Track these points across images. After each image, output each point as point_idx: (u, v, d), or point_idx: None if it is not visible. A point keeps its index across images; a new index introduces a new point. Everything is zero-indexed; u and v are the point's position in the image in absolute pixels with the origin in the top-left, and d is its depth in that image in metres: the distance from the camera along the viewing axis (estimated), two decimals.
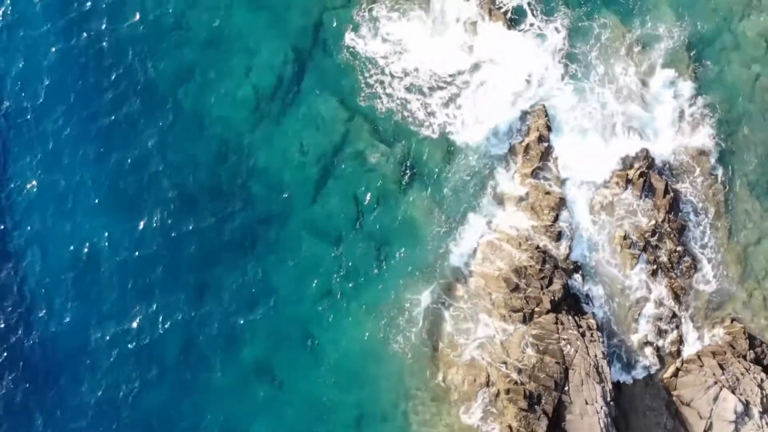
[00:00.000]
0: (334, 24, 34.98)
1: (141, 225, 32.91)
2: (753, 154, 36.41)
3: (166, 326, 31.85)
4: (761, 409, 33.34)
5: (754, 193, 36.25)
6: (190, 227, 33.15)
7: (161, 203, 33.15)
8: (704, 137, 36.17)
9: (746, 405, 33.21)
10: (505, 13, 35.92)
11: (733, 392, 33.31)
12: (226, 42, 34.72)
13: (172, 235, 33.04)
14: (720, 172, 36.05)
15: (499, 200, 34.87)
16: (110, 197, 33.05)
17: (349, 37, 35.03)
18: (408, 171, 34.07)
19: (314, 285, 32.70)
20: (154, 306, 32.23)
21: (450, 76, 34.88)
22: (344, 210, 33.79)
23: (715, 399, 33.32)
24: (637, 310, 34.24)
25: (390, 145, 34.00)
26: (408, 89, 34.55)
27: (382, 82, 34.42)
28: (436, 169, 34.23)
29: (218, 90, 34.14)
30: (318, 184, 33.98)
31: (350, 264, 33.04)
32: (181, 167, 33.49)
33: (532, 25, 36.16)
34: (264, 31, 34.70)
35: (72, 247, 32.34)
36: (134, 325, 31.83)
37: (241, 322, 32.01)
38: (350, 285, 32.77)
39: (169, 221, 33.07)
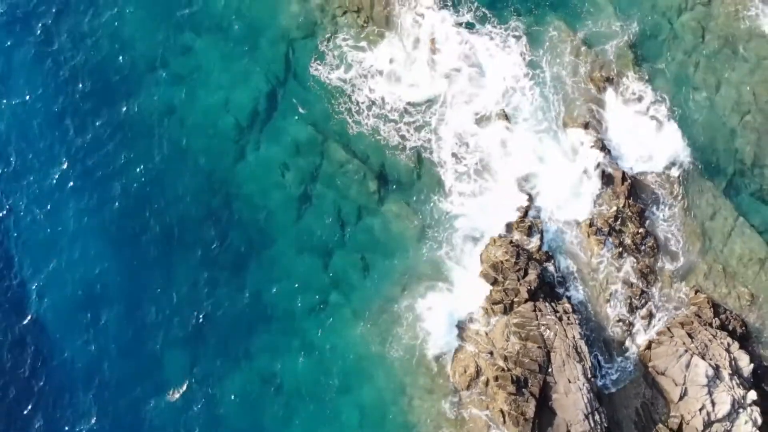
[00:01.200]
0: (301, 55, 37.41)
1: (140, 259, 35.15)
2: (701, 135, 38.97)
3: (174, 350, 34.10)
4: (730, 371, 35.96)
5: (705, 172, 38.89)
6: (187, 256, 35.52)
7: (158, 237, 35.53)
8: (656, 125, 38.87)
9: (716, 369, 35.81)
10: (463, 24, 38.56)
11: (703, 358, 35.90)
12: (202, 79, 37.11)
13: (171, 265, 35.35)
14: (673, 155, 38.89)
15: (473, 201, 37.34)
16: (111, 237, 35.33)
17: (314, 67, 37.43)
18: (384, 183, 36.55)
19: (308, 298, 35.12)
20: (161, 334, 34.48)
21: (417, 95, 37.30)
22: (328, 225, 36.17)
23: (687, 366, 35.88)
24: (608, 291, 36.83)
25: (365, 161, 36.51)
26: (377, 115, 36.98)
27: (349, 110, 36.90)
28: (410, 180, 36.71)
29: (200, 125, 36.54)
30: (301, 204, 36.35)
31: (340, 274, 35.52)
32: (173, 201, 35.94)
33: (489, 34, 38.70)
34: (237, 66, 37.16)
35: (76, 284, 34.57)
36: (142, 352, 34.10)
37: (244, 338, 34.28)
38: (341, 294, 35.27)
39: (167, 253, 35.48)
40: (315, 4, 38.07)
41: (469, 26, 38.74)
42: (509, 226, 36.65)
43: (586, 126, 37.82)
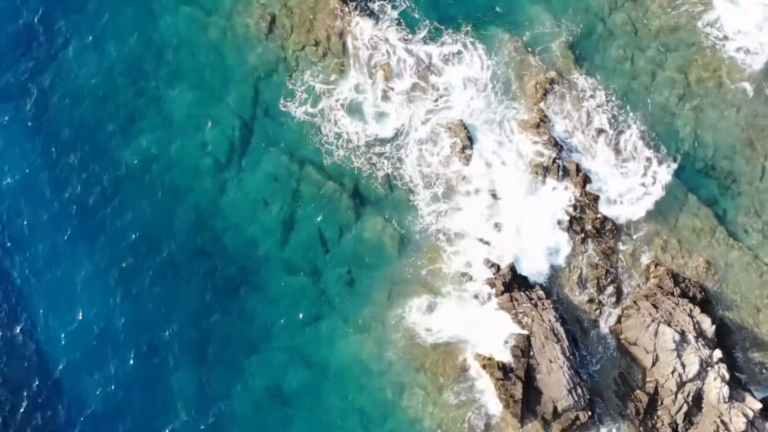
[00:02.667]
0: (269, 93, 39.96)
1: (143, 296, 37.59)
2: (642, 120, 42.16)
3: (182, 375, 36.67)
4: (695, 334, 39.06)
5: (650, 148, 42.06)
6: (186, 289, 37.87)
7: (158, 275, 37.85)
8: (600, 117, 42.08)
9: (682, 334, 38.92)
10: (413, 42, 41.55)
11: (669, 325, 38.97)
12: (180, 125, 39.45)
13: (172, 299, 37.73)
14: (615, 140, 41.48)
15: (444, 206, 40.26)
16: (111, 278, 37.72)
17: (283, 104, 39.99)
18: (360, 202, 39.22)
19: (302, 314, 37.67)
20: (169, 361, 37.00)
21: (381, 124, 40.08)
22: (313, 245, 38.78)
23: (656, 334, 38.96)
24: (576, 274, 39.92)
25: (340, 184, 39.12)
26: (346, 147, 39.63)
27: (321, 141, 39.54)
28: (383, 198, 39.41)
29: (184, 167, 38.87)
30: (285, 228, 38.94)
31: (329, 289, 38.10)
32: (169, 240, 38.24)
33: (441, 49, 41.68)
34: (210, 110, 39.53)
35: (87, 325, 37.05)
36: (152, 380, 36.64)
37: (247, 357, 36.86)
38: (332, 307, 37.84)
39: (168, 288, 37.79)
40: (276, 44, 40.69)
41: (424, 41, 41.65)
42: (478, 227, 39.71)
43: (538, 126, 40.98)
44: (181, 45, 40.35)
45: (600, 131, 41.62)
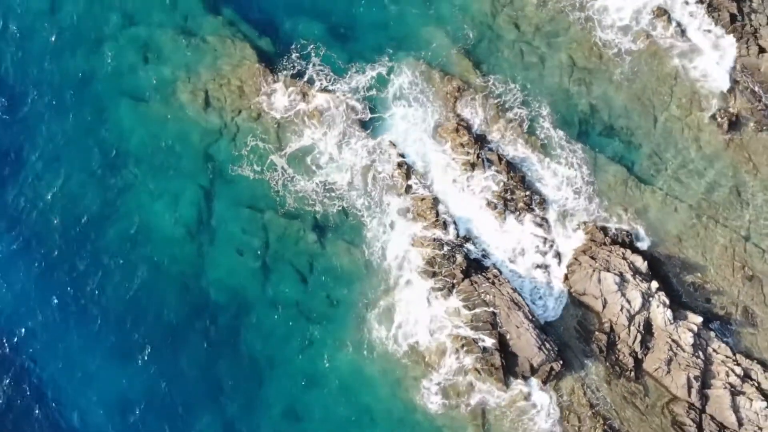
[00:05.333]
0: (220, 160, 44.35)
1: (148, 363, 41.48)
2: (540, 103, 47.87)
3: (201, 416, 41.05)
4: (632, 273, 44.56)
5: (560, 129, 48.08)
6: (187, 345, 41.62)
7: (158, 337, 41.52)
8: (509, 109, 47.87)
9: (621, 275, 44.45)
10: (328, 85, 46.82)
11: (608, 271, 44.37)
12: (146, 203, 43.55)
13: (175, 359, 41.57)
14: (526, 125, 47.45)
15: (396, 219, 45.51)
16: (118, 354, 41.74)
17: (233, 169, 44.30)
18: (322, 234, 43.89)
19: (296, 341, 42.14)
20: (188, 416, 41.40)
21: (325, 170, 45.09)
22: (290, 280, 42.97)
23: (599, 281, 44.28)
24: (520, 247, 45.52)
25: (301, 221, 43.84)
26: (298, 196, 44.32)
27: (276, 191, 44.22)
28: (342, 226, 44.20)
29: (159, 241, 42.73)
30: (263, 271, 43.22)
31: (314, 314, 42.51)
32: (159, 309, 41.93)
33: (350, 84, 47.02)
34: (171, 183, 43.53)
35: (101, 393, 40.95)
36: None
37: (258, 390, 41.19)
38: (321, 329, 42.25)
39: (169, 350, 41.46)
40: (215, 114, 45.02)
41: (347, 80, 46.67)
42: (427, 228, 45.03)
43: (457, 130, 46.57)
44: (132, 135, 44.30)
45: (510, 121, 47.41)
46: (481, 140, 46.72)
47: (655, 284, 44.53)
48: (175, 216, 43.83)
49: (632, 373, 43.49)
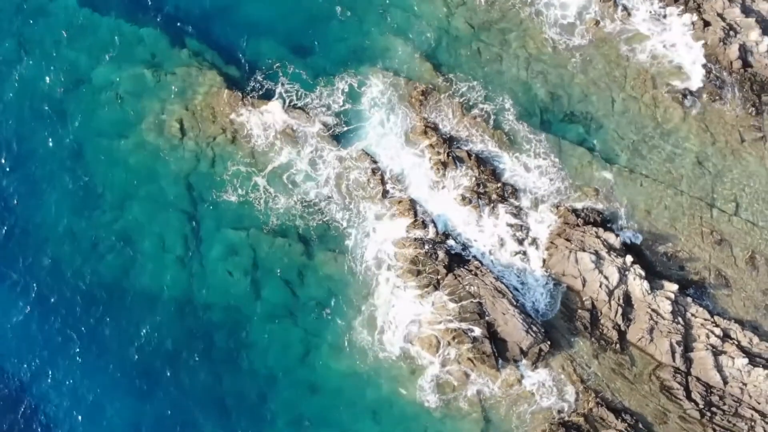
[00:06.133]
0: (203, 188, 45.92)
1: (152, 389, 42.95)
2: (503, 97, 49.90)
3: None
4: (606, 250, 46.37)
5: (524, 121, 50.04)
6: (190, 371, 43.23)
7: (160, 368, 43.22)
8: (474, 107, 49.73)
9: (596, 253, 46.42)
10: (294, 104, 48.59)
11: (584, 250, 46.56)
12: (135, 236, 44.97)
13: (179, 383, 43.14)
14: (491, 120, 49.49)
15: (376, 224, 47.20)
16: (123, 385, 43.13)
17: (215, 194, 45.84)
18: (306, 245, 45.53)
19: (294, 352, 43.71)
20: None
21: (303, 189, 46.91)
22: (282, 294, 44.62)
23: (576, 261, 46.17)
24: (497, 236, 47.38)
25: (286, 236, 45.54)
26: (280, 214, 45.91)
27: (259, 210, 45.89)
28: (325, 236, 45.86)
29: (151, 270, 44.20)
30: (255, 288, 44.63)
31: (308, 325, 44.13)
32: (160, 337, 43.38)
33: (320, 99, 48.86)
34: (158, 214, 45.02)
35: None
36: None
37: (263, 403, 42.78)
38: (315, 337, 43.89)
39: (172, 376, 42.97)
40: (192, 143, 46.55)
41: (317, 97, 48.48)
42: (408, 229, 46.81)
43: (425, 132, 48.42)
44: (113, 172, 45.77)
45: (475, 118, 49.31)
46: (450, 139, 48.60)
47: (629, 258, 46.50)
48: (164, 244, 45.30)
49: (618, 346, 45.44)
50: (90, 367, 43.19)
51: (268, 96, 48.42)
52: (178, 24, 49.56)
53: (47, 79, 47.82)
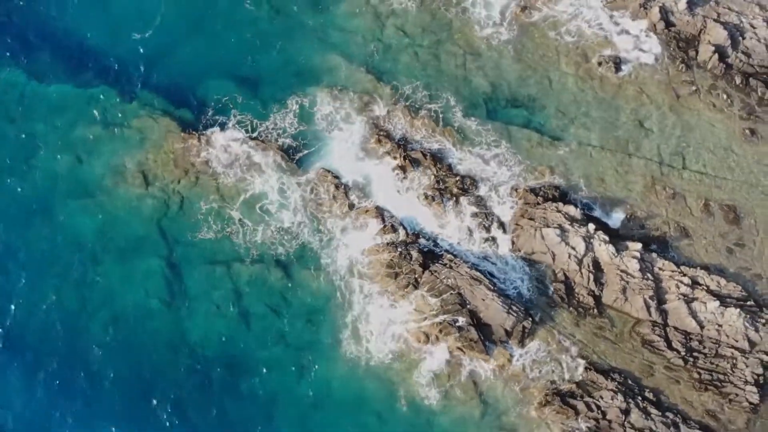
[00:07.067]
0: (175, 227, 47.49)
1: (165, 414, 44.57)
2: (447, 95, 52.09)
3: None
4: (569, 222, 48.47)
5: (470, 115, 52.12)
6: (193, 403, 44.47)
7: (159, 408, 44.42)
8: (421, 108, 51.73)
9: (560, 227, 48.45)
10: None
11: (548, 227, 48.69)
12: (118, 287, 46.20)
13: (184, 418, 44.56)
14: (440, 120, 51.35)
15: (346, 237, 48.91)
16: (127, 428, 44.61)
17: (192, 235, 47.40)
18: (284, 269, 47.10)
19: (291, 371, 45.26)
20: None
21: (277, 211, 48.49)
22: (269, 317, 46.08)
23: (542, 237, 48.37)
24: (465, 227, 49.25)
25: (264, 263, 47.09)
26: (258, 244, 47.58)
27: (239, 245, 47.61)
28: (302, 257, 47.53)
29: (140, 317, 45.47)
30: (242, 317, 45.93)
31: (300, 342, 45.75)
32: (158, 378, 44.68)
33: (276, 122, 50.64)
34: (137, 262, 46.42)
35: None
36: None
37: (269, 425, 44.43)
38: (308, 351, 45.58)
39: (175, 413, 44.25)
40: (157, 190, 47.98)
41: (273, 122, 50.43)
42: (378, 235, 48.54)
43: (379, 141, 50.27)
44: (87, 231, 47.05)
45: (424, 119, 51.26)
46: (404, 143, 50.45)
47: (592, 226, 48.69)
48: (148, 291, 46.57)
49: (595, 310, 47.52)
50: (94, 416, 44.33)
51: (223, 130, 49.96)
52: (124, 78, 51.06)
53: (5, 151, 48.90)
